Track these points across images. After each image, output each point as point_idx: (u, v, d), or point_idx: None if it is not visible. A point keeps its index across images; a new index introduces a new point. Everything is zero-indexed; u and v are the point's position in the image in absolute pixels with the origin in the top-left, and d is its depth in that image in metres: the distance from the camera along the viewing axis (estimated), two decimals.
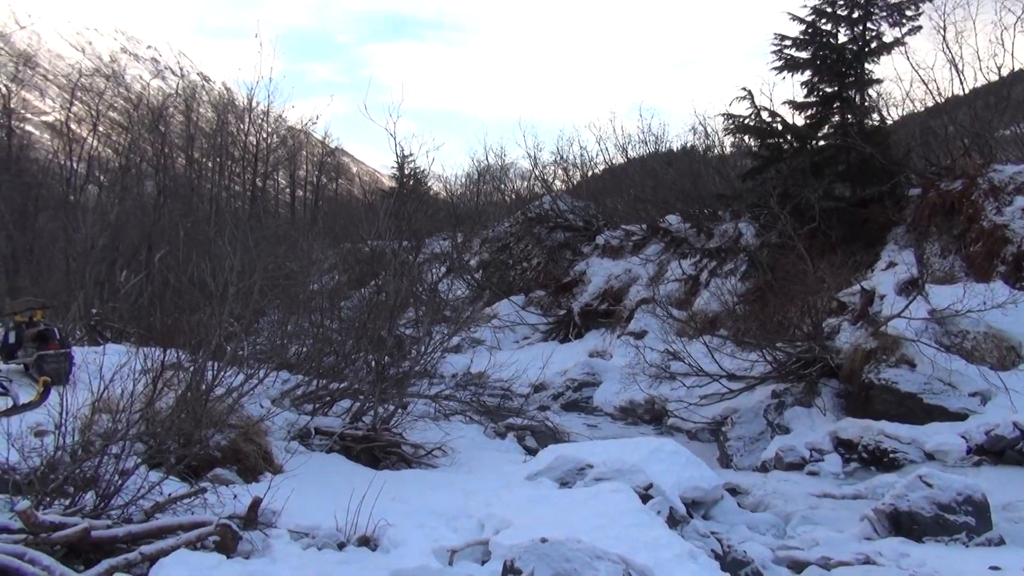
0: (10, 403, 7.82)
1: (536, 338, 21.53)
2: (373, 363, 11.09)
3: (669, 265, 20.55)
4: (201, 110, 44.65)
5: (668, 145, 29.93)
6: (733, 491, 8.91)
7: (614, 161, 30.60)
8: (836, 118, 17.04)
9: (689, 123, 46.94)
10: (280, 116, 43.47)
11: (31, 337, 10.39)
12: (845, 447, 10.61)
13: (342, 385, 10.79)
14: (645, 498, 7.16)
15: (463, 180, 43.71)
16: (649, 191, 24.53)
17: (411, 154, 35.92)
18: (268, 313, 13.78)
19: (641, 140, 29.76)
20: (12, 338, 10.66)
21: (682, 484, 7.81)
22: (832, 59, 16.68)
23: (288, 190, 51.94)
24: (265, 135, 42.05)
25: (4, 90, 24.61)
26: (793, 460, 10.75)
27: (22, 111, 29.98)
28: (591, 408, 15.76)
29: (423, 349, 12.35)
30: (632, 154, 29.64)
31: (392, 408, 10.42)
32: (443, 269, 24.05)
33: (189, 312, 10.80)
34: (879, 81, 16.99)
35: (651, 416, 14.66)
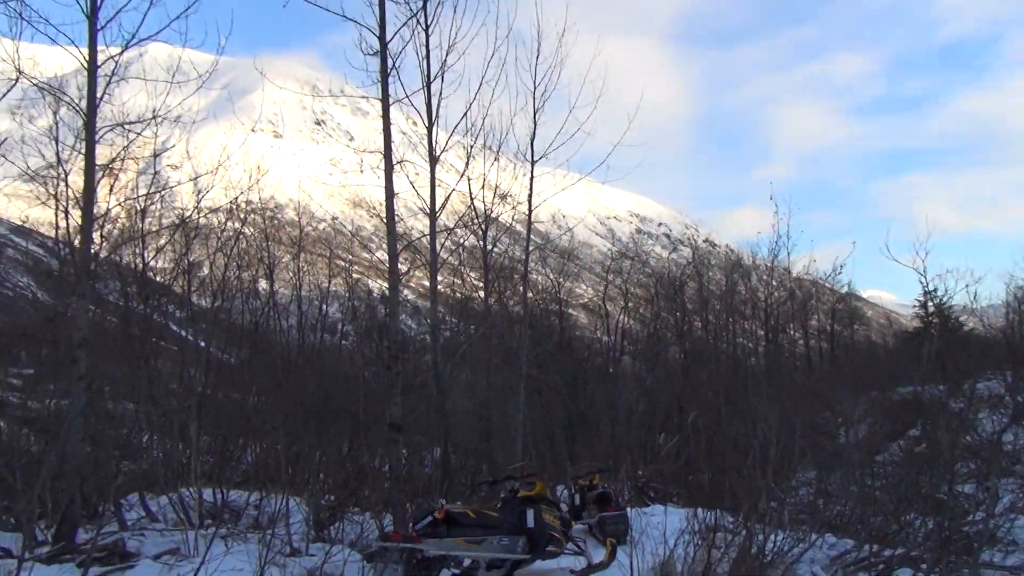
0: (584, 562, 8.57)
1: None
2: (931, 526, 9.87)
3: None
4: (710, 274, 46.87)
5: None
6: None
7: None
8: None
9: None
10: (786, 269, 43.55)
11: (592, 499, 11.50)
12: None
13: (897, 552, 9.75)
14: None
15: (1001, 310, 38.48)
16: None
17: (935, 289, 32.91)
18: (800, 469, 13.33)
19: None
20: (577, 500, 11.93)
21: None
22: None
23: (801, 341, 51.04)
24: (773, 289, 42.31)
25: (555, 284, 29.01)
26: None
27: (566, 298, 34.83)
28: None
29: (990, 510, 10.65)
30: None
31: None
32: (1004, 418, 20.88)
33: (729, 472, 10.96)
34: None
35: None
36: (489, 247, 16.21)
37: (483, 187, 15.03)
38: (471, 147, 14.02)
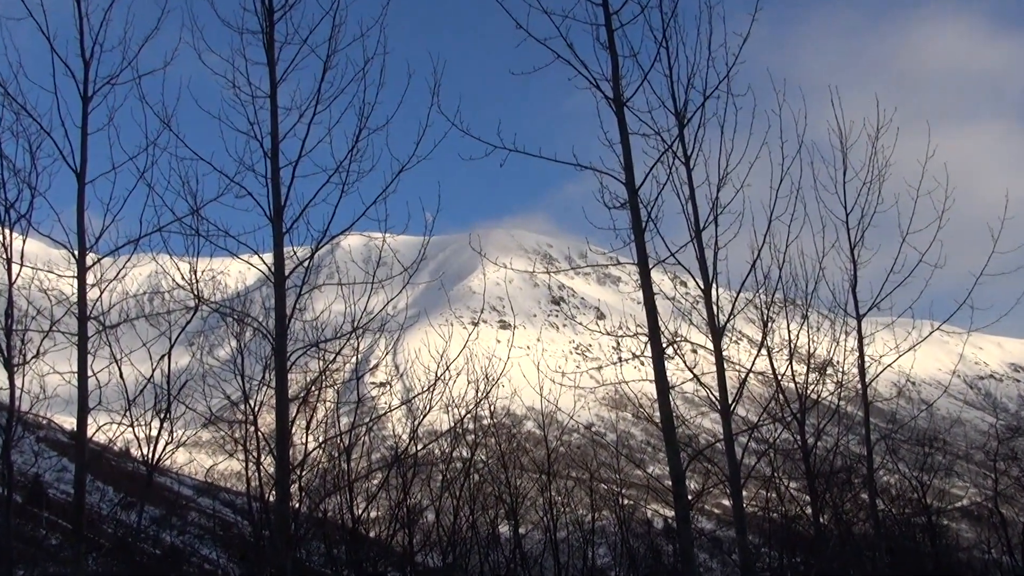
0: None
1: None
2: None
3: None
4: None
5: None
6: None
7: None
8: None
9: None
10: None
11: None
12: None
13: None
14: None
15: None
16: None
17: None
18: None
19: None
20: None
21: None
22: None
23: None
24: None
25: (916, 484, 27.25)
26: None
27: (937, 503, 32.45)
28: None
29: None
30: None
31: None
32: None
33: None
34: None
35: None
36: (811, 442, 15.58)
37: (791, 359, 14.66)
38: (767, 307, 13.85)
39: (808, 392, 15.17)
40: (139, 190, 12.36)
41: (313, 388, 13.25)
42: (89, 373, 11.69)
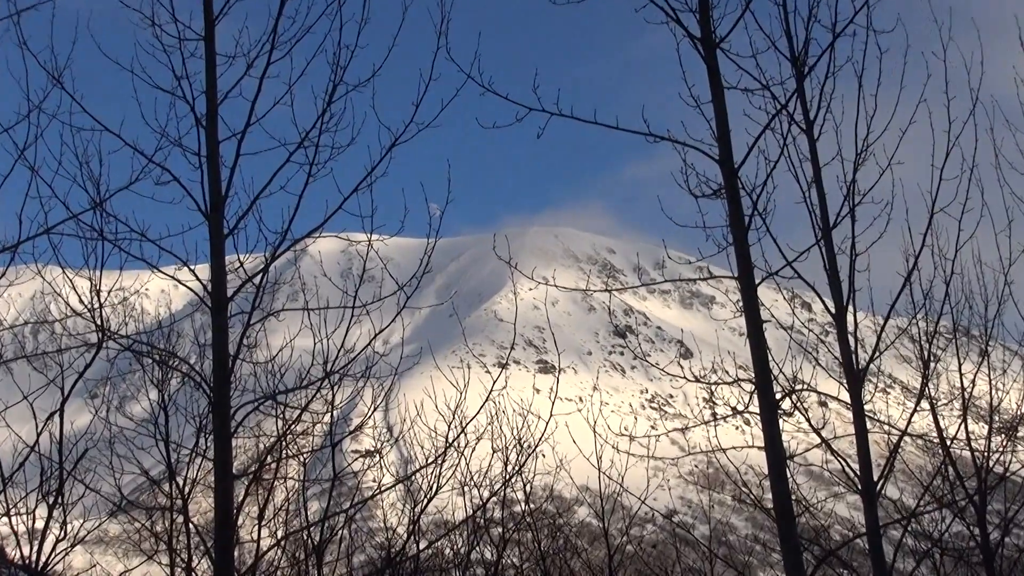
0: None
1: None
2: None
3: None
4: None
5: None
6: None
7: None
8: None
9: None
10: None
11: None
12: None
13: None
14: None
15: None
16: None
17: None
18: None
19: None
20: None
21: None
22: None
23: None
24: None
25: None
26: None
27: None
28: None
29: None
30: None
31: None
32: None
33: None
34: None
35: None
36: (994, 537, 15.10)
37: (964, 416, 14.29)
38: (929, 340, 13.39)
39: (990, 464, 14.72)
40: (18, 174, 12.01)
41: (269, 460, 13.00)
42: None
